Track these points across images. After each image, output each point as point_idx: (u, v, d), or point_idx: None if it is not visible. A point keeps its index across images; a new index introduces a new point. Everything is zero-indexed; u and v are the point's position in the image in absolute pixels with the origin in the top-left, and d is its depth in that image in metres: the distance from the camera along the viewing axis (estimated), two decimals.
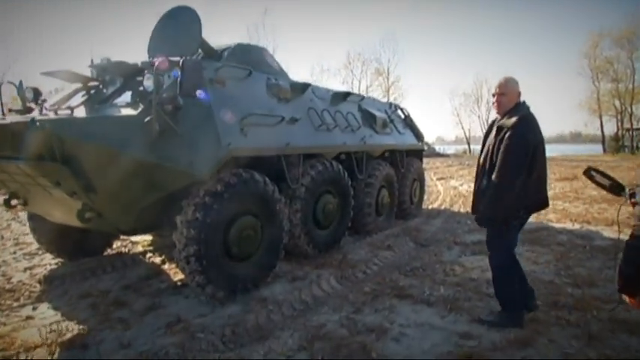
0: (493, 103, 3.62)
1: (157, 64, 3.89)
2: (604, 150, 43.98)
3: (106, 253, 6.20)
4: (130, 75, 4.60)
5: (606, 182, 2.30)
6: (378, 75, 45.45)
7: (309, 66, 75.65)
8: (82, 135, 3.50)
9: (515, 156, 3.27)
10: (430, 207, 10.15)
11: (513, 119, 3.34)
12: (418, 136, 8.97)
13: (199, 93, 4.24)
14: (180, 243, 4.09)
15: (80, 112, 4.26)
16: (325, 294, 4.44)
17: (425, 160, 10.81)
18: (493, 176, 3.35)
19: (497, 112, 3.60)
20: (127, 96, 4.35)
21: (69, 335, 3.63)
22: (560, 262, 5.45)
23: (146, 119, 3.78)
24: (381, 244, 6.41)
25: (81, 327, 3.79)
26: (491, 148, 3.46)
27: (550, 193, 2.58)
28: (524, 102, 3.53)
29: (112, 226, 4.43)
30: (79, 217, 3.94)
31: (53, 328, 3.74)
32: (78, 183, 3.62)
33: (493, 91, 3.61)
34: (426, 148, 9.36)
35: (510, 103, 3.49)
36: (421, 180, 9.12)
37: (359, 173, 6.74)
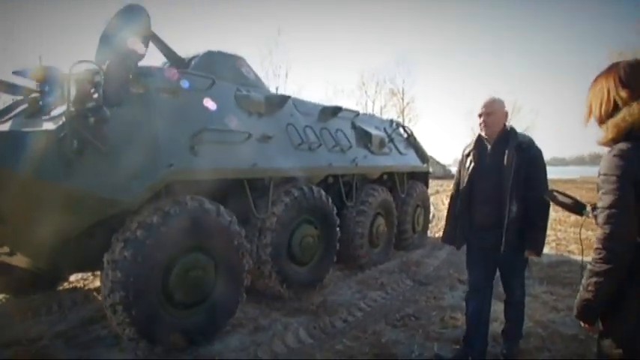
0: (484, 123, 3.31)
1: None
2: None
3: (61, 288, 5.44)
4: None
5: (568, 201, 2.24)
6: (392, 95, 44.73)
7: (323, 87, 75.39)
8: None
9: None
10: (437, 235, 9.20)
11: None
12: (422, 157, 8.10)
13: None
14: (106, 287, 3.31)
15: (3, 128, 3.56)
16: (288, 351, 3.57)
17: (439, 182, 9.89)
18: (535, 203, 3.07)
19: (485, 132, 3.33)
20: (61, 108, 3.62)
21: None
22: None
23: (62, 134, 3.05)
24: (373, 282, 5.51)
25: None
26: (511, 168, 3.15)
27: (572, 219, 2.14)
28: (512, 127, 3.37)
29: (32, 265, 3.66)
30: None
31: None
32: None
33: (478, 113, 3.35)
34: (431, 170, 8.44)
35: (498, 124, 3.29)
36: (426, 206, 8.20)
37: (347, 199, 5.89)
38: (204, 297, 3.74)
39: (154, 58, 5.44)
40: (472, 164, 3.38)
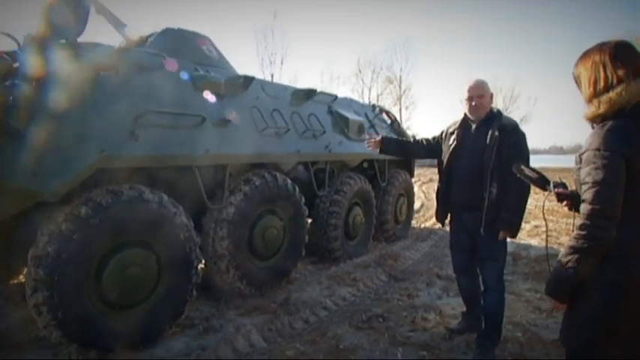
0: (472, 106, 3.26)
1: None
2: None
3: (14, 282, 5.07)
4: None
5: (534, 175, 2.33)
6: (389, 83, 44.09)
7: (319, 74, 74.59)
8: None
9: None
10: (423, 226, 8.85)
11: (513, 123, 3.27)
12: None
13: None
14: (29, 287, 2.95)
15: None
16: (235, 357, 3.22)
17: (434, 170, 9.44)
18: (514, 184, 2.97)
19: (475, 115, 3.29)
20: None
21: None
22: None
23: None
24: (345, 276, 5.14)
25: None
26: (493, 149, 3.11)
27: (565, 210, 2.10)
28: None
29: None
30: None
31: None
32: None
33: (466, 96, 3.29)
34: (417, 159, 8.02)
35: (488, 106, 3.30)
36: (409, 195, 7.81)
37: (318, 188, 5.51)
38: (144, 297, 3.37)
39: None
40: (454, 143, 3.37)
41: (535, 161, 3.73)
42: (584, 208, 1.72)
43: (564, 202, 2.11)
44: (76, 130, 3.02)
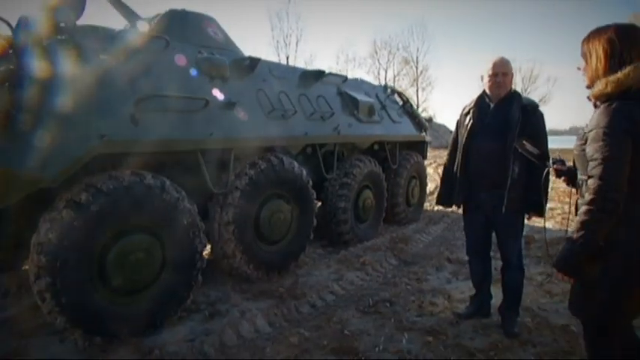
0: (496, 83, 3.22)
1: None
2: None
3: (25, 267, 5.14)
4: None
5: (535, 151, 2.47)
6: (406, 64, 43.48)
7: (335, 55, 73.86)
8: None
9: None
10: (436, 208, 8.73)
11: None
12: (420, 125, 7.55)
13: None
14: (32, 273, 2.97)
15: None
16: (240, 342, 3.21)
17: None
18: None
19: (496, 92, 3.26)
20: None
21: None
22: None
23: None
24: (354, 260, 5.08)
25: None
26: (516, 127, 3.10)
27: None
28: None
29: None
30: None
31: None
32: None
33: (490, 72, 3.24)
34: (429, 139, 7.88)
35: (510, 85, 3.28)
36: (422, 178, 7.69)
37: (326, 171, 5.44)
38: (148, 282, 3.37)
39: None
40: (471, 121, 3.32)
41: (555, 142, 3.68)
42: (593, 182, 1.81)
43: (562, 178, 2.31)
44: (77, 115, 3.00)
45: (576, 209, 2.08)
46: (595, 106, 1.93)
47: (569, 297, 2.10)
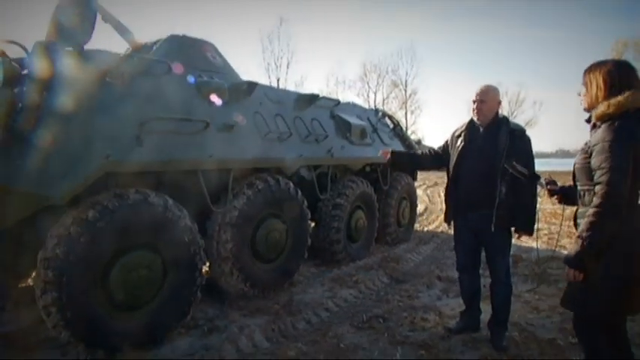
0: (475, 109, 3.48)
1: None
2: None
3: (22, 285, 5.17)
4: None
5: (525, 171, 2.74)
6: (395, 87, 44.14)
7: (325, 77, 74.76)
8: None
9: None
10: (426, 229, 8.92)
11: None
12: (410, 147, 7.76)
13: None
14: (38, 288, 3.06)
15: None
16: (239, 357, 3.31)
17: (440, 174, 9.51)
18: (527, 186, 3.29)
19: (477, 119, 3.50)
20: None
21: None
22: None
23: None
24: (347, 279, 5.22)
25: None
26: (504, 150, 3.31)
27: (567, 212, 2.78)
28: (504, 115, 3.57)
29: None
30: None
31: None
32: None
33: (472, 98, 3.50)
34: None
35: (491, 111, 3.45)
36: (412, 199, 7.89)
37: (320, 192, 5.60)
38: (150, 298, 3.47)
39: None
40: (462, 144, 3.50)
41: (542, 165, 3.90)
42: (600, 188, 2.06)
43: (555, 196, 2.63)
44: (83, 135, 3.13)
45: (575, 219, 2.35)
46: (594, 126, 2.21)
47: (564, 294, 2.34)
